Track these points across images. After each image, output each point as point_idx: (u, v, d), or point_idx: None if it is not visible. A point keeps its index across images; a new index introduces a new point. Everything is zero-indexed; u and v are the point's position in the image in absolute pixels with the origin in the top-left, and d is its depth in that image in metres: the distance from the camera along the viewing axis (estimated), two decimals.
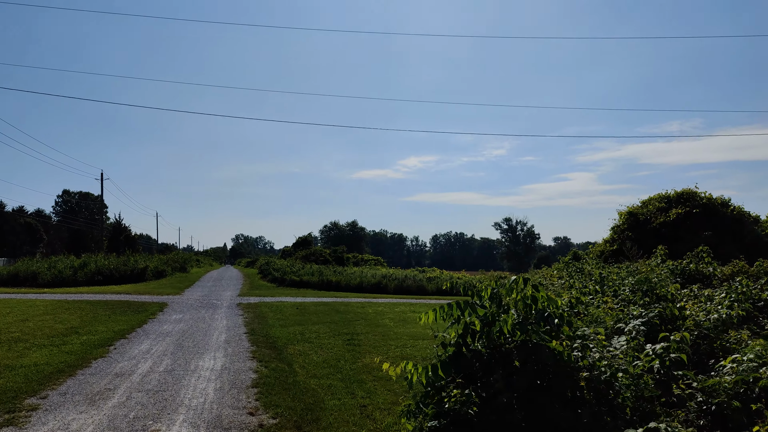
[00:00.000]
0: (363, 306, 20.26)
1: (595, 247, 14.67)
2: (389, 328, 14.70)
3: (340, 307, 19.47)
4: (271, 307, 19.19)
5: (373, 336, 13.26)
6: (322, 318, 16.56)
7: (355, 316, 17.20)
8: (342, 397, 7.72)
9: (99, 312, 16.89)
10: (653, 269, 9.75)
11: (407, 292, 30.48)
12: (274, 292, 27.02)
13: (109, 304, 19.27)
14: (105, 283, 32.20)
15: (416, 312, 18.61)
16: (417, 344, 12.05)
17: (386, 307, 19.91)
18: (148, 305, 19.21)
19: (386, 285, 31.18)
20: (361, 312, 18.27)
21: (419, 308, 19.90)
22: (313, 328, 14.35)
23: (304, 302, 21.49)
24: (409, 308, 19.83)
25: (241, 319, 16.12)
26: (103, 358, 10.04)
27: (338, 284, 31.67)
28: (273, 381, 8.44)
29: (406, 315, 17.76)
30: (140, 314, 16.76)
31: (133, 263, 36.38)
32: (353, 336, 13.19)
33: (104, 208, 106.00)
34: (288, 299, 22.92)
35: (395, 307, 20.24)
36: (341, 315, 17.35)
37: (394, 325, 15.17)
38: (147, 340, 12.23)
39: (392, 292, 30.50)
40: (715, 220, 12.69)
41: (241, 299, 22.57)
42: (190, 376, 8.68)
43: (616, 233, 13.93)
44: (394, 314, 17.88)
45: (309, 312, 18.08)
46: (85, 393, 7.58)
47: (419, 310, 19.13)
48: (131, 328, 13.82)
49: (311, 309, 18.91)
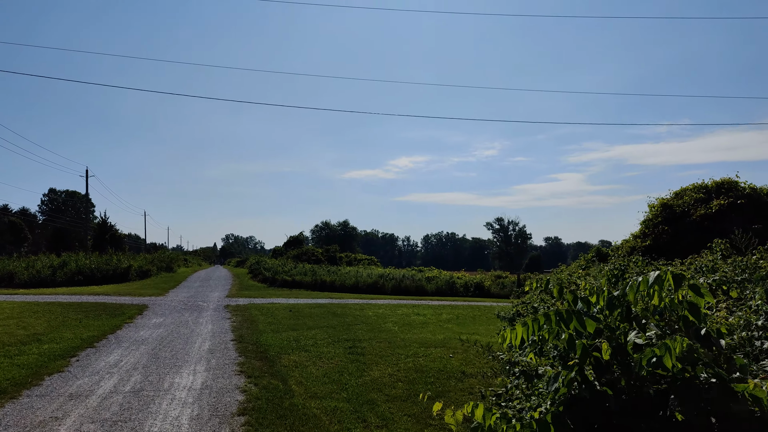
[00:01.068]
0: (362, 308, 18.68)
1: (626, 243, 13.17)
2: (394, 333, 13.14)
3: (337, 310, 17.89)
4: (261, 310, 17.57)
5: (377, 343, 11.70)
6: (319, 322, 14.97)
7: (354, 319, 15.63)
8: (352, 427, 6.15)
9: (70, 316, 15.19)
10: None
11: (405, 292, 28.96)
12: (264, 293, 25.37)
13: (83, 306, 17.54)
14: (85, 284, 30.40)
15: (420, 314, 17.08)
16: (430, 353, 10.50)
17: (387, 309, 18.34)
18: (127, 308, 17.51)
19: (383, 285, 29.63)
20: (361, 315, 16.69)
21: (422, 310, 18.37)
22: (310, 334, 12.76)
23: (297, 304, 19.88)
24: (412, 310, 18.29)
25: (228, 323, 14.49)
26: (60, 374, 8.39)
27: (332, 284, 30.07)
28: (265, 404, 6.84)
29: (410, 318, 16.21)
30: (116, 318, 15.08)
31: (115, 262, 34.56)
32: (355, 343, 11.62)
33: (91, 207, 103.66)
34: (280, 301, 21.29)
35: (396, 309, 18.68)
36: (339, 318, 15.77)
37: (400, 330, 13.62)
38: (118, 349, 10.58)
39: (390, 292, 28.97)
40: (764, 212, 11.27)
41: (230, 301, 20.92)
42: (161, 399, 7.05)
43: (648, 227, 12.48)
44: (396, 317, 16.32)
45: (303, 315, 16.48)
46: (21, 425, 5.94)
47: (423, 312, 17.60)
48: (102, 335, 12.15)
49: (306, 311, 17.31)
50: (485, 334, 13.31)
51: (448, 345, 11.48)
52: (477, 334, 13.32)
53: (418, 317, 16.42)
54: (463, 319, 16.20)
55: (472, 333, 13.47)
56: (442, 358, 10.08)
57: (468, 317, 16.78)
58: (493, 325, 14.91)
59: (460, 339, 12.07)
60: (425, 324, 14.93)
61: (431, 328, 14.23)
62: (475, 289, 29.74)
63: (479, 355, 10.31)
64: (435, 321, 15.64)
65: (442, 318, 16.39)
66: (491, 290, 29.83)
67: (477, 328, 14.38)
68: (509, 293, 29.72)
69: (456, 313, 17.83)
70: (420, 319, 16.08)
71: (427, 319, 16.08)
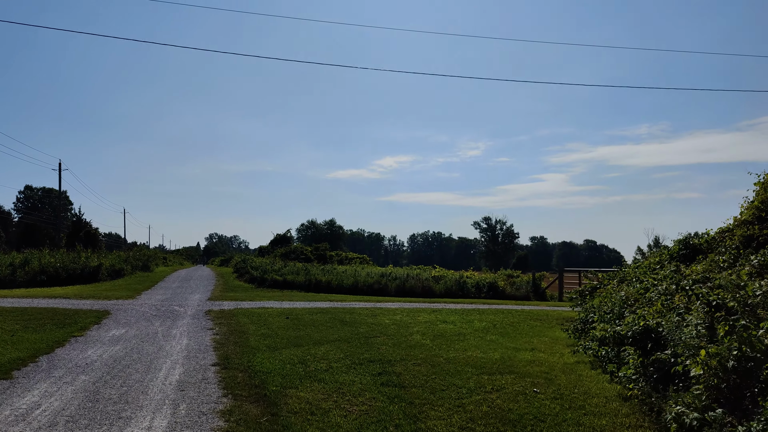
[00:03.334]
0: (373, 314, 15.43)
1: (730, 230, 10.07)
2: (430, 350, 9.94)
3: (344, 316, 14.62)
4: (251, 316, 14.24)
5: (414, 366, 8.50)
6: (326, 333, 11.72)
7: (369, 329, 12.40)
8: None
9: (3, 327, 11.74)
10: None
11: (411, 293, 25.77)
12: (253, 295, 22.00)
13: (27, 313, 14.07)
14: (48, 284, 26.76)
15: (447, 322, 13.90)
16: (501, 385, 7.31)
17: (404, 315, 15.12)
18: (83, 315, 14.08)
19: (386, 286, 26.38)
20: (375, 323, 13.46)
21: (446, 316, 15.18)
22: (319, 352, 9.50)
23: (294, 309, 16.57)
24: (435, 316, 15.08)
25: (209, 336, 11.16)
26: None
27: (329, 285, 26.76)
28: None
29: (438, 327, 13.02)
30: (63, 329, 11.68)
31: (84, 261, 30.89)
32: (384, 366, 8.41)
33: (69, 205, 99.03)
34: (273, 304, 17.95)
35: (415, 315, 15.46)
36: (350, 328, 12.52)
37: (434, 345, 10.42)
38: (44, 382, 7.23)
39: (393, 294, 25.74)
40: None
41: (212, 305, 17.54)
42: None
43: (765, 210, 9.39)
44: (420, 326, 13.12)
45: (304, 323, 13.20)
46: None
47: (449, 319, 14.42)
48: (32, 356, 8.77)
49: (306, 319, 14.02)
50: (546, 350, 10.17)
51: (514, 369, 8.31)
52: (537, 349, 10.18)
53: (446, 326, 13.23)
54: (502, 328, 13.06)
55: (528, 348, 10.32)
56: (524, 393, 6.89)
57: (506, 325, 13.65)
58: (548, 336, 11.81)
59: (528, 359, 8.93)
60: (461, 336, 11.75)
61: (472, 341, 11.05)
62: (488, 289, 26.64)
63: (574, 386, 7.15)
64: (470, 331, 12.47)
65: (477, 327, 13.23)
66: (506, 291, 26.78)
67: (530, 340, 11.24)
68: (527, 294, 26.71)
69: (488, 319, 14.68)
70: (450, 328, 12.89)
71: (459, 328, 12.90)
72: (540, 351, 10.04)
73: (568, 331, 11.99)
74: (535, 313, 16.53)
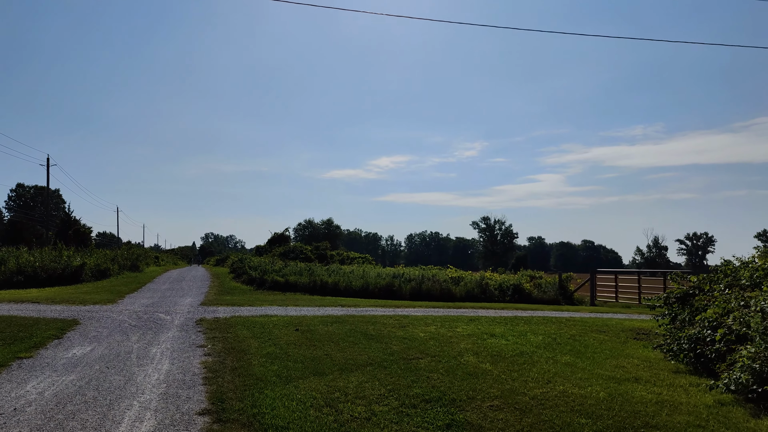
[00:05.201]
0: (400, 323, 12.75)
1: None
2: (497, 379, 7.30)
3: (366, 327, 11.94)
4: (252, 328, 11.56)
5: (493, 411, 5.87)
6: (350, 352, 9.05)
7: (404, 345, 9.74)
8: None
9: None
10: None
11: (428, 296, 23.12)
12: (252, 299, 19.29)
13: None
14: (25, 286, 24.01)
15: (497, 336, 11.24)
16: None
17: (438, 326, 12.45)
18: (44, 325, 11.37)
19: (400, 288, 23.73)
20: (407, 336, 10.79)
21: (489, 326, 12.52)
22: (349, 386, 6.83)
23: (303, 317, 13.89)
24: (475, 327, 12.41)
25: (198, 358, 8.47)
26: None
27: (336, 287, 24.09)
28: None
29: (486, 342, 10.38)
30: (9, 347, 8.99)
31: (66, 260, 28.10)
32: (450, 412, 5.80)
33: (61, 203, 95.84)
34: (276, 311, 15.26)
35: (452, 325, 12.78)
36: (379, 344, 9.85)
37: (497, 371, 7.78)
38: None
39: (408, 297, 23.11)
40: None
41: (205, 311, 14.84)
42: None
43: None
44: (464, 340, 10.46)
45: (319, 336, 10.52)
46: None
47: (495, 332, 11.77)
48: None
49: (320, 330, 11.34)
50: (656, 380, 7.54)
51: (649, 419, 5.67)
52: (641, 379, 7.54)
53: (497, 341, 10.58)
54: (569, 345, 10.41)
55: (627, 376, 7.69)
56: None
57: (569, 340, 11.01)
58: (634, 357, 9.18)
59: (648, 399, 6.28)
60: (525, 356, 9.09)
61: (545, 365, 8.41)
62: (513, 292, 24.01)
63: None
64: (531, 349, 9.82)
65: (534, 342, 10.58)
66: (532, 294, 24.15)
67: (617, 363, 8.60)
68: (555, 298, 24.10)
69: (541, 331, 12.04)
70: (503, 344, 10.23)
71: (514, 344, 10.24)
72: (650, 383, 7.40)
73: (662, 350, 9.36)
74: (590, 323, 13.90)
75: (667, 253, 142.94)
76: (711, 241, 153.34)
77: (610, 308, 21.57)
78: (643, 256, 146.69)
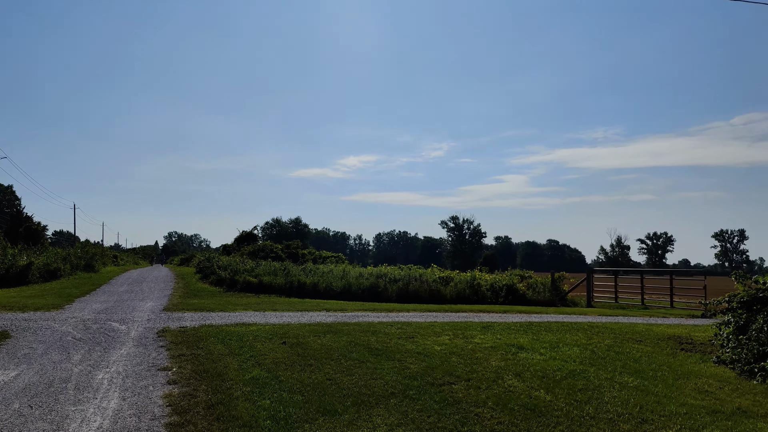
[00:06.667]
0: (404, 332, 10.76)
1: None
2: (578, 420, 5.44)
3: (366, 338, 9.92)
4: (228, 341, 9.41)
5: None
6: (360, 375, 7.05)
7: (422, 364, 7.79)
8: None
9: None
10: None
11: (416, 298, 21.25)
12: (224, 302, 17.01)
13: None
14: None
15: (524, 348, 9.40)
16: None
17: (449, 335, 10.52)
18: None
19: (385, 289, 21.79)
20: (420, 351, 8.84)
21: (511, 336, 10.68)
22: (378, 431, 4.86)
23: (286, 324, 11.77)
24: (493, 336, 10.54)
25: (161, 388, 6.32)
26: None
27: (315, 288, 21.98)
28: None
29: (520, 358, 8.53)
30: None
31: (10, 259, 25.13)
32: None
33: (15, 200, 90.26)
34: (254, 317, 13.09)
35: (463, 333, 10.87)
36: (391, 363, 7.88)
37: (567, 405, 5.93)
38: None
39: (395, 299, 21.18)
40: None
41: (170, 318, 12.57)
42: None
43: None
44: (491, 355, 8.59)
45: (313, 352, 8.47)
46: None
47: (521, 342, 9.93)
48: None
49: (313, 344, 9.27)
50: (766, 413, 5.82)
51: None
52: (747, 412, 5.80)
53: (533, 357, 8.73)
54: (618, 360, 8.66)
55: (726, 408, 5.94)
56: None
57: (609, 352, 9.27)
58: (708, 377, 7.48)
59: None
60: (582, 379, 7.27)
61: (612, 391, 6.59)
62: (506, 293, 22.35)
63: None
64: (580, 367, 8.02)
65: (576, 357, 8.80)
66: (527, 295, 22.54)
67: (696, 385, 6.86)
68: (551, 299, 22.53)
69: (570, 341, 10.27)
70: (544, 362, 8.40)
71: (559, 362, 8.42)
72: (766, 417, 5.65)
73: (729, 365, 7.68)
74: (617, 330, 12.22)
75: (629, 252, 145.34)
76: (670, 241, 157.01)
77: (612, 310, 20.11)
78: (606, 255, 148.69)
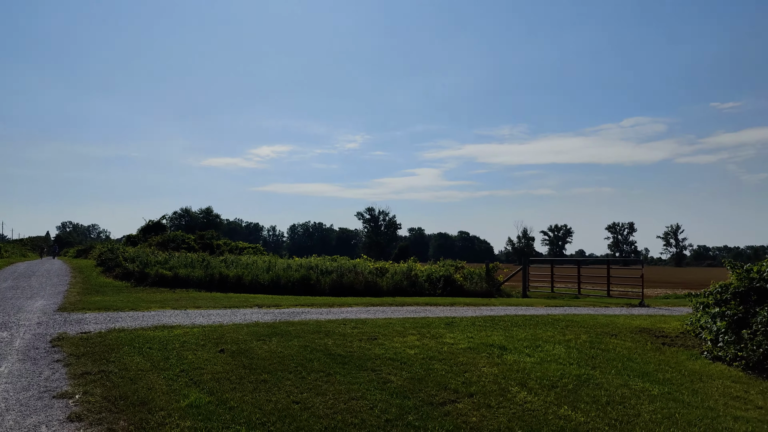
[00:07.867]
0: (365, 334, 9.21)
1: None
2: None
3: (323, 341, 8.27)
4: (148, 349, 7.41)
5: None
6: (331, 393, 5.46)
7: (405, 375, 6.33)
8: None
9: None
10: None
11: (351, 291, 19.78)
12: (134, 299, 14.56)
13: None
14: None
15: (507, 349, 8.20)
16: None
17: (418, 335, 9.13)
18: None
19: (318, 282, 20.10)
20: (391, 356, 7.36)
21: (480, 333, 9.47)
22: None
23: (218, 325, 9.82)
24: (463, 335, 9.25)
25: (58, 427, 4.39)
26: None
27: (239, 281, 19.86)
28: None
29: (506, 359, 7.31)
30: None
31: None
32: None
33: None
34: (176, 317, 10.98)
35: (430, 332, 9.51)
36: (365, 372, 6.34)
37: (593, 419, 4.74)
38: None
39: (328, 292, 19.58)
40: None
41: (67, 320, 10.19)
42: None
43: None
44: (479, 359, 7.30)
45: (264, 363, 6.73)
46: None
47: (496, 341, 8.74)
48: None
49: (259, 351, 7.50)
50: None
51: None
52: None
53: (523, 359, 7.52)
54: (616, 360, 7.67)
55: (762, 415, 5.00)
56: None
57: (601, 351, 8.31)
58: (712, 377, 6.61)
59: None
60: (598, 387, 6.14)
61: (641, 403, 5.52)
62: (444, 284, 21.40)
63: None
64: (584, 371, 6.92)
65: (569, 358, 7.72)
66: (464, 286, 21.73)
67: (706, 389, 5.94)
68: (488, 290, 21.89)
69: (549, 338, 9.22)
70: (539, 366, 7.21)
71: (556, 366, 7.26)
72: None
73: (727, 363, 6.89)
74: (583, 323, 11.40)
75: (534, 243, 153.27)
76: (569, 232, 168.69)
77: (552, 300, 19.69)
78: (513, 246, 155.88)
